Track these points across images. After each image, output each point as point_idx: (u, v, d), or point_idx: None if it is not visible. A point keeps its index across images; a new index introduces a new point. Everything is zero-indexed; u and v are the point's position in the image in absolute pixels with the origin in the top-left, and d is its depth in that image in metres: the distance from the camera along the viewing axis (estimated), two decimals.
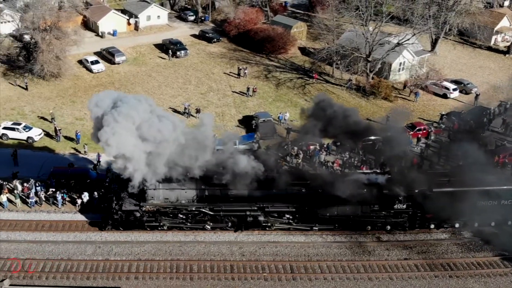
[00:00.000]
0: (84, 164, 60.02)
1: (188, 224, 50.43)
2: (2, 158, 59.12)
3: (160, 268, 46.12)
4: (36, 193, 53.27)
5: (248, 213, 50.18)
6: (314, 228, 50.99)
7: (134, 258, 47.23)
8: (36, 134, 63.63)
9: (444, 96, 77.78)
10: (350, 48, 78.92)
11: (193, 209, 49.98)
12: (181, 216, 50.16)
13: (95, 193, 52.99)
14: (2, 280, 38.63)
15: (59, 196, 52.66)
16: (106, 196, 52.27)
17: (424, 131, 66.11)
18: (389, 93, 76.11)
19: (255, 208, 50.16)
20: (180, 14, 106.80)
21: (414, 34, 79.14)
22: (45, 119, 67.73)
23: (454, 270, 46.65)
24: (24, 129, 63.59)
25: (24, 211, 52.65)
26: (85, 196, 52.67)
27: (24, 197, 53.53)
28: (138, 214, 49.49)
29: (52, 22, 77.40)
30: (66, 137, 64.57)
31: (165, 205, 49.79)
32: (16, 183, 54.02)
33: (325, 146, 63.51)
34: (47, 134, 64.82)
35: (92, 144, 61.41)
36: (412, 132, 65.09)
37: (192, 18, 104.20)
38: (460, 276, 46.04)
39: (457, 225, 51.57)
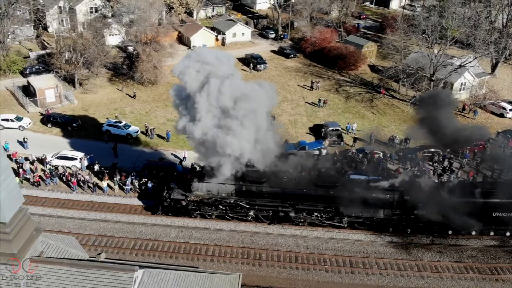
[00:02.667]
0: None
1: (229, 214, 51.08)
2: (105, 151, 61.68)
3: (233, 254, 47.10)
4: (131, 182, 55.44)
5: (280, 208, 50.34)
6: (343, 221, 50.29)
7: (211, 243, 48.42)
8: (133, 131, 66.06)
9: (501, 116, 75.39)
10: (416, 68, 77.93)
11: (232, 201, 50.67)
12: (221, 207, 50.97)
13: None
14: (99, 254, 40.30)
15: (150, 185, 54.63)
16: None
17: (481, 146, 64.35)
18: None
19: (287, 204, 50.25)
20: (262, 32, 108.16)
21: (476, 58, 77.42)
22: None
23: (501, 274, 45.34)
24: (124, 127, 66.25)
25: (120, 196, 54.95)
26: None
27: (121, 184, 55.83)
28: (184, 203, 50.73)
29: (152, 37, 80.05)
30: (158, 135, 66.75)
31: (207, 197, 50.69)
32: (116, 172, 56.59)
33: (388, 155, 63.07)
34: (142, 132, 67.16)
35: (179, 143, 63.74)
36: (469, 147, 63.53)
37: (272, 36, 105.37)
38: (506, 280, 44.77)
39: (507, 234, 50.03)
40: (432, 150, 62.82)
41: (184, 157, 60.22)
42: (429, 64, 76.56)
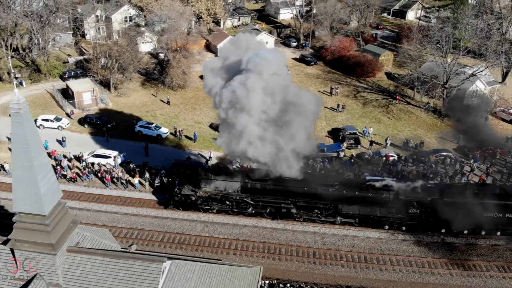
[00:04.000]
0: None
1: (235, 209, 51.05)
2: (137, 150, 62.29)
3: (254, 248, 47.13)
4: (160, 179, 55.82)
5: (282, 205, 50.18)
6: (336, 221, 50.19)
7: (233, 237, 48.49)
8: (163, 132, 66.58)
9: (511, 122, 74.39)
10: (430, 76, 77.27)
11: (237, 198, 50.65)
12: (228, 203, 50.96)
13: None
14: (130, 245, 40.63)
15: (177, 182, 54.43)
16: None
17: (490, 151, 63.40)
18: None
19: (289, 201, 50.06)
20: (284, 41, 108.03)
21: (487, 67, 76.48)
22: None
23: (508, 272, 44.70)
24: (155, 128, 66.80)
25: (151, 192, 55.30)
26: None
27: (151, 181, 56.16)
28: (193, 198, 50.89)
29: (182, 44, 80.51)
30: (186, 137, 67.10)
31: (215, 193, 50.78)
32: (146, 170, 57.01)
33: (403, 158, 62.61)
34: (172, 133, 67.60)
35: (206, 144, 63.98)
36: (480, 151, 62.86)
37: (294, 44, 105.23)
38: None
39: None
40: (444, 153, 62.35)
41: (210, 157, 60.45)
42: (442, 72, 75.83)
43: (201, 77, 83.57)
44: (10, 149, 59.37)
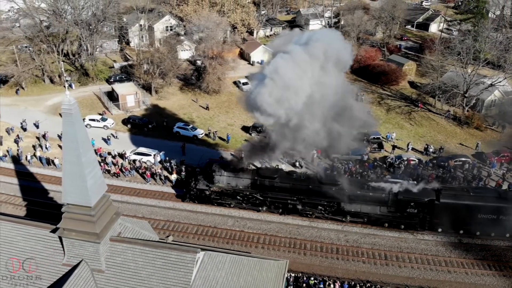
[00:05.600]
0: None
1: (244, 204, 50.95)
2: (175, 149, 62.79)
3: (281, 243, 47.02)
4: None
5: (289, 201, 49.85)
6: (345, 220, 49.60)
7: (262, 232, 48.50)
8: (199, 133, 66.95)
9: None
10: (451, 85, 75.99)
11: (248, 193, 50.53)
12: (239, 198, 50.85)
13: None
14: (167, 236, 41.09)
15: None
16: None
17: (507, 157, 62.09)
18: (480, 124, 72.43)
19: (295, 198, 49.73)
20: None
21: (506, 78, 74.73)
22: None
23: None
24: (191, 129, 67.31)
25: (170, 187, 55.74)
26: None
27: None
28: (207, 193, 51.02)
29: (218, 52, 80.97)
30: (220, 138, 67.37)
31: (227, 188, 50.78)
32: (182, 167, 57.52)
33: (424, 162, 61.67)
34: (206, 134, 67.95)
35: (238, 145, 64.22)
36: (497, 157, 61.50)
37: None
38: None
39: None
40: (463, 159, 61.20)
41: (241, 157, 60.52)
42: (463, 82, 74.51)
43: (234, 82, 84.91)
44: (60, 146, 60.79)
